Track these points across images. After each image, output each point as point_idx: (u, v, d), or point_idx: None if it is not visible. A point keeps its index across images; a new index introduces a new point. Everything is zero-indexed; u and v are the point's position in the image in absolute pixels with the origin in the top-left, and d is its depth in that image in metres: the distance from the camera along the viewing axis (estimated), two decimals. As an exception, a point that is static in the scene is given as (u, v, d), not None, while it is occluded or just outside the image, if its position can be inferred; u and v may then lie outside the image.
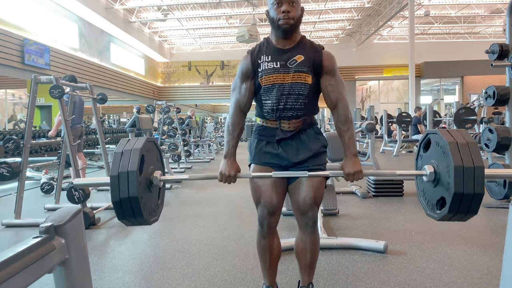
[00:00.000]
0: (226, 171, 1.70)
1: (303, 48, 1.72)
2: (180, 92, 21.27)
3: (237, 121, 1.78)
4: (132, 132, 5.66)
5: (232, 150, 1.76)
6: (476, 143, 1.51)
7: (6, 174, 3.49)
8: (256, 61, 1.73)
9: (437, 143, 1.57)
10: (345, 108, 1.72)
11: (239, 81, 1.78)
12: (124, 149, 1.57)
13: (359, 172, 1.64)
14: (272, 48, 1.73)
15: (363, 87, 22.39)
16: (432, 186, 1.58)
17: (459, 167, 1.42)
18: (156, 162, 1.72)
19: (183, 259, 2.68)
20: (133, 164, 1.51)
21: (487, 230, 3.26)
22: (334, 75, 1.73)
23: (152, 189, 1.64)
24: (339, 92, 1.73)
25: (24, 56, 9.40)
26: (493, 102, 4.14)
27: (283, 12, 1.63)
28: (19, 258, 0.97)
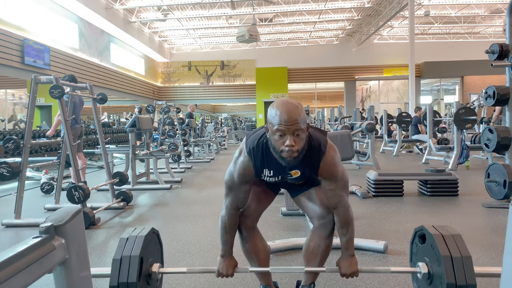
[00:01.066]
0: (224, 270, 1.76)
1: (302, 160, 1.56)
2: (180, 92, 21.27)
3: (235, 222, 1.77)
4: (132, 132, 5.65)
5: (230, 250, 1.79)
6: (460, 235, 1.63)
7: (6, 174, 3.49)
8: (258, 172, 1.66)
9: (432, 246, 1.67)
10: (345, 212, 1.69)
11: (237, 183, 1.67)
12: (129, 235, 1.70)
13: (355, 272, 1.69)
14: (273, 161, 1.60)
15: (363, 87, 22.39)
16: (427, 284, 1.67)
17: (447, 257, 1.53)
18: (156, 254, 1.82)
19: (183, 259, 2.68)
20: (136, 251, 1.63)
21: (487, 230, 3.26)
22: (335, 180, 1.64)
23: (150, 282, 1.73)
24: (340, 196, 1.66)
25: (24, 56, 9.39)
26: (493, 102, 4.14)
27: (287, 146, 1.44)
28: (19, 258, 0.97)
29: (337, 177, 1.62)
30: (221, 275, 1.75)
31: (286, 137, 1.44)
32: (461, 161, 6.96)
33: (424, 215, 3.78)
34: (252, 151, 1.61)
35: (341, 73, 20.38)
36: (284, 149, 1.45)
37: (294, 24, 17.78)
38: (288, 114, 1.42)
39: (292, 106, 1.45)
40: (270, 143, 1.52)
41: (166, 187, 5.69)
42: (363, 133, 7.57)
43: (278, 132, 1.44)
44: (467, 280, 1.50)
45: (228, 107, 31.51)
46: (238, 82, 20.77)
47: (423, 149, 10.10)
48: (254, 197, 1.81)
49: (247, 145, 1.63)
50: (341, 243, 1.73)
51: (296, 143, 1.44)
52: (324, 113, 13.83)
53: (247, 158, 1.62)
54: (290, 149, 1.44)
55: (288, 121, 1.42)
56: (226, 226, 1.75)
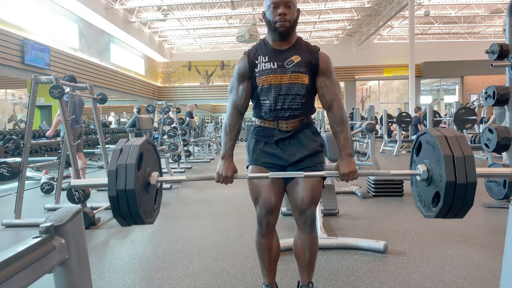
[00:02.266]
0: (223, 171, 1.71)
1: (300, 49, 1.73)
2: (180, 92, 21.27)
3: (234, 122, 1.78)
4: (132, 132, 5.66)
5: (229, 151, 1.77)
6: (464, 136, 1.53)
7: (6, 174, 3.49)
8: (253, 61, 1.74)
9: (427, 142, 1.59)
10: (340, 109, 1.73)
11: (236, 82, 1.79)
12: (123, 145, 1.58)
13: (354, 172, 1.66)
14: (269, 48, 1.74)
15: (363, 87, 22.39)
16: (426, 185, 1.59)
17: (448, 156, 1.44)
18: (154, 165, 1.72)
19: (183, 259, 2.68)
20: (132, 159, 1.51)
21: (487, 230, 3.26)
22: (329, 77, 1.74)
23: (149, 190, 1.65)
24: (334, 93, 1.74)
25: (24, 56, 9.39)
26: (493, 102, 4.14)
27: (280, 14, 1.64)
28: (19, 258, 0.97)
29: (331, 73, 1.75)
30: (220, 177, 1.70)
31: (279, 8, 1.65)
32: (461, 161, 6.94)
33: (424, 215, 3.77)
34: (248, 50, 1.79)
35: (341, 73, 20.37)
36: (277, 19, 1.64)
37: (294, 24, 17.77)
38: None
39: None
40: (266, 19, 1.70)
41: (166, 187, 5.69)
42: (363, 133, 7.57)
43: (272, 5, 1.66)
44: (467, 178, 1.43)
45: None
46: (238, 82, 20.73)
47: (423, 149, 10.09)
48: (267, 190, 1.74)
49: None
50: (338, 143, 1.73)
51: (288, 13, 1.65)
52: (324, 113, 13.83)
53: (242, 56, 1.79)
54: (282, 17, 1.63)
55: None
56: (226, 126, 1.78)
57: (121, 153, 1.54)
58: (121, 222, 1.55)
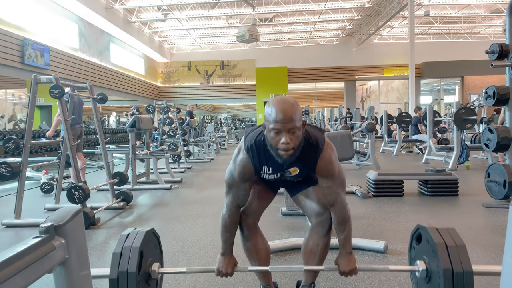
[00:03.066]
0: (224, 268, 1.76)
1: (301, 157, 1.60)
2: (180, 92, 21.26)
3: (235, 220, 1.77)
4: (132, 132, 5.65)
5: (230, 248, 1.79)
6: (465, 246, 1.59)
7: (6, 174, 3.49)
8: (257, 170, 1.67)
9: (427, 240, 1.67)
10: (342, 209, 1.68)
11: (238, 181, 1.68)
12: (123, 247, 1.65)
13: (354, 270, 1.71)
14: (272, 158, 1.60)
15: (363, 87, 22.39)
16: (425, 282, 1.66)
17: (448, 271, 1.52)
18: (154, 253, 1.82)
19: (183, 259, 2.68)
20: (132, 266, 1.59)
21: (487, 230, 3.26)
22: (332, 178, 1.66)
23: (150, 282, 1.72)
24: (336, 193, 1.67)
25: (24, 56, 9.39)
26: (493, 102, 4.14)
27: (282, 143, 1.48)
28: (19, 258, 0.97)
29: (334, 174, 1.64)
30: (220, 273, 1.75)
31: (282, 134, 1.47)
32: (461, 161, 6.96)
33: (424, 215, 3.78)
34: (250, 149, 1.63)
35: (341, 73, 20.38)
36: (280, 147, 1.48)
37: (294, 24, 17.78)
38: (283, 113, 1.44)
39: (287, 105, 1.46)
40: (267, 140, 1.54)
41: (166, 187, 5.69)
42: (363, 133, 7.57)
43: (273, 130, 1.47)
44: (463, 266, 1.51)
45: (228, 107, 31.51)
46: (238, 82, 20.77)
47: (423, 149, 10.10)
48: (255, 196, 1.82)
49: (245, 143, 1.65)
50: (339, 240, 1.73)
51: (292, 140, 1.47)
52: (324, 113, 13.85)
53: (245, 155, 1.64)
54: (285, 147, 1.47)
55: (283, 119, 1.44)
56: (226, 224, 1.75)
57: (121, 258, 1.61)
58: None
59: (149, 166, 6.48)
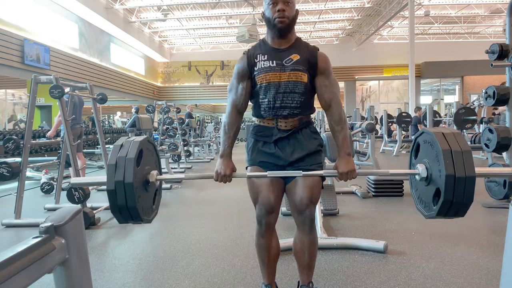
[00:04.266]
0: (222, 170, 1.71)
1: (299, 48, 1.75)
2: (180, 92, 21.27)
3: (233, 121, 1.79)
4: (132, 132, 5.66)
5: (228, 149, 1.78)
6: (461, 133, 1.56)
7: (6, 174, 3.49)
8: (252, 60, 1.76)
9: (425, 141, 1.61)
10: (338, 108, 1.74)
11: (235, 82, 1.80)
12: (124, 141, 1.59)
13: (353, 171, 1.67)
14: (268, 47, 1.76)
15: (363, 87, 22.39)
16: (425, 185, 1.59)
17: (446, 151, 1.46)
18: (153, 164, 1.72)
19: (183, 259, 2.68)
20: (132, 153, 1.52)
21: (487, 230, 3.26)
22: (328, 76, 1.76)
23: (148, 188, 1.64)
24: (333, 92, 1.75)
25: (24, 56, 9.39)
26: (493, 102, 4.14)
27: (279, 11, 1.65)
28: (19, 258, 0.97)
29: (330, 73, 1.76)
30: (219, 176, 1.71)
31: (278, 5, 1.66)
32: (461, 161, 6.94)
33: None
34: (247, 50, 1.81)
35: (341, 73, 20.37)
36: (276, 15, 1.66)
37: (294, 24, 17.78)
38: None
39: None
40: (265, 17, 1.72)
41: (166, 187, 5.69)
42: (363, 133, 7.57)
43: (271, 2, 1.68)
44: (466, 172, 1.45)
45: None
46: (238, 82, 20.73)
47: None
48: (266, 189, 1.73)
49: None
50: (337, 142, 1.74)
51: (286, 9, 1.66)
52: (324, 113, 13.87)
53: (242, 56, 1.81)
54: (281, 13, 1.65)
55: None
56: (225, 125, 1.79)
57: (121, 148, 1.55)
58: (118, 217, 1.55)
59: (149, 166, 6.47)
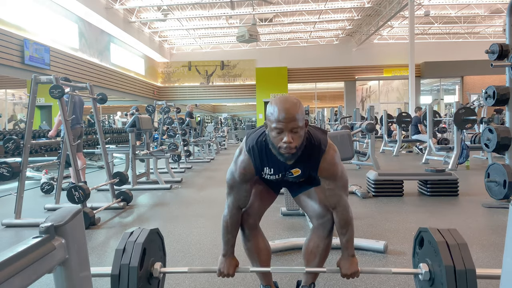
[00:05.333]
0: (225, 269, 1.75)
1: (302, 159, 1.60)
2: (180, 92, 21.26)
3: (236, 221, 1.76)
4: (132, 132, 5.65)
5: (231, 249, 1.79)
6: (466, 244, 1.58)
7: (6, 174, 3.49)
8: (258, 170, 1.67)
9: (429, 242, 1.67)
10: (344, 212, 1.67)
11: (238, 181, 1.67)
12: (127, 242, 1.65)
13: (356, 273, 1.70)
14: (273, 159, 1.61)
15: (363, 87, 22.38)
16: (429, 285, 1.65)
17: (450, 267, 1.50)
18: (157, 253, 1.81)
19: (183, 259, 2.68)
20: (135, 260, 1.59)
21: (487, 230, 3.26)
22: (334, 179, 1.64)
23: (152, 281, 1.72)
24: (339, 195, 1.66)
25: (24, 56, 9.39)
26: (493, 102, 4.14)
27: (285, 143, 1.46)
28: (19, 258, 0.97)
29: (336, 176, 1.62)
30: (222, 274, 1.75)
31: (284, 134, 1.45)
32: (461, 161, 6.96)
33: (424, 215, 3.78)
34: (252, 150, 1.62)
35: (341, 73, 20.37)
36: (282, 146, 1.47)
37: (294, 24, 17.78)
38: (285, 112, 1.43)
39: (290, 104, 1.45)
40: (269, 139, 1.53)
41: (166, 187, 5.69)
42: (363, 133, 7.57)
43: (276, 129, 1.46)
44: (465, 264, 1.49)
45: (228, 107, 31.51)
46: (238, 82, 20.76)
47: (423, 149, 10.10)
48: (256, 196, 1.81)
49: (247, 143, 1.64)
50: (341, 243, 1.73)
51: (294, 140, 1.46)
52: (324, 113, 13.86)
53: (247, 156, 1.63)
54: (288, 146, 1.45)
55: (286, 118, 1.43)
56: (228, 225, 1.74)
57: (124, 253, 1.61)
58: None
59: (149, 166, 6.48)
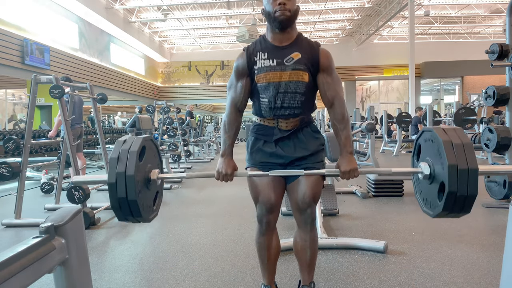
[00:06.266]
0: (223, 169, 1.70)
1: (300, 45, 1.69)
2: (180, 92, 21.27)
3: (233, 120, 1.77)
4: (132, 132, 5.65)
5: (229, 148, 1.76)
6: (460, 128, 1.55)
7: (6, 174, 3.49)
8: (252, 58, 1.70)
9: (426, 139, 1.61)
10: (341, 106, 1.70)
11: (234, 79, 1.76)
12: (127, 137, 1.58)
13: (355, 169, 1.65)
14: (268, 45, 1.70)
15: (363, 87, 22.39)
16: (429, 183, 1.59)
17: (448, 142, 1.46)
18: (154, 160, 1.72)
19: (183, 259, 2.68)
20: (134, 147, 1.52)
21: (487, 230, 3.26)
22: (331, 73, 1.71)
23: (150, 186, 1.64)
24: (335, 90, 1.71)
25: (24, 56, 9.39)
26: (493, 102, 4.14)
27: (280, 4, 1.60)
28: (19, 258, 0.97)
29: (333, 70, 1.72)
30: (220, 175, 1.70)
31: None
32: (461, 161, 6.94)
33: (424, 215, 3.75)
34: (247, 46, 1.76)
35: (341, 73, 20.30)
36: (277, 8, 1.60)
37: (294, 24, 17.78)
38: None
39: None
40: (265, 12, 1.67)
41: (166, 187, 5.69)
42: (363, 133, 7.57)
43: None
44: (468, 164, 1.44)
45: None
46: (238, 82, 20.74)
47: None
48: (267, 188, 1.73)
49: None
50: (339, 141, 1.71)
51: (288, 3, 1.61)
52: (324, 113, 13.85)
53: (241, 53, 1.76)
54: (282, 6, 1.59)
55: None
56: (225, 124, 1.77)
57: (124, 143, 1.55)
58: (117, 214, 1.52)
59: (149, 166, 6.47)
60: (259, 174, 1.71)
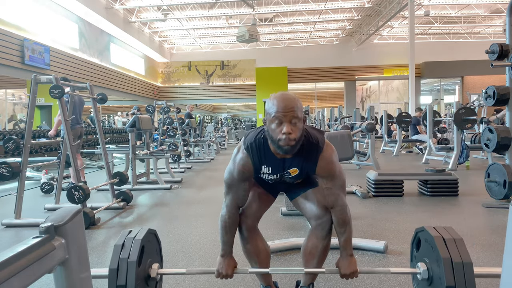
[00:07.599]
0: (223, 270, 1.74)
1: (300, 157, 1.60)
2: (180, 92, 21.27)
3: (235, 220, 1.75)
4: (132, 132, 5.65)
5: (230, 249, 1.78)
6: (462, 240, 1.59)
7: (6, 174, 3.49)
8: (257, 169, 1.66)
9: (426, 240, 1.67)
10: (342, 212, 1.67)
11: (237, 180, 1.66)
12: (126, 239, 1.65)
13: (355, 272, 1.69)
14: (271, 157, 1.62)
15: (363, 87, 22.39)
16: (427, 285, 1.64)
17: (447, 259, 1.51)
18: (155, 255, 1.82)
19: (183, 259, 2.68)
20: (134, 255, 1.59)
21: (487, 230, 3.26)
22: (332, 179, 1.63)
23: (149, 283, 1.71)
24: (336, 194, 1.65)
25: (24, 56, 9.39)
26: (493, 102, 4.14)
27: (284, 133, 1.46)
28: (19, 258, 0.97)
29: (334, 175, 1.62)
30: (220, 275, 1.74)
31: (284, 125, 1.46)
32: (461, 161, 6.96)
33: (424, 215, 3.78)
34: (250, 147, 1.61)
35: (341, 73, 20.38)
36: (281, 137, 1.46)
37: (294, 24, 17.78)
38: (285, 102, 1.46)
39: (288, 96, 1.50)
40: (268, 134, 1.53)
41: (166, 187, 5.69)
42: (363, 133, 7.57)
43: (275, 120, 1.47)
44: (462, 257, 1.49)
45: (228, 107, 31.52)
46: (238, 82, 20.77)
47: (423, 149, 10.10)
48: (255, 197, 1.81)
49: (245, 142, 1.64)
50: (339, 243, 1.72)
51: (293, 131, 1.46)
52: (324, 113, 13.87)
53: (245, 154, 1.63)
54: (287, 137, 1.45)
55: (285, 108, 1.45)
56: (226, 225, 1.73)
57: (123, 248, 1.61)
58: None
59: (149, 166, 6.48)
60: (260, 271, 1.79)
